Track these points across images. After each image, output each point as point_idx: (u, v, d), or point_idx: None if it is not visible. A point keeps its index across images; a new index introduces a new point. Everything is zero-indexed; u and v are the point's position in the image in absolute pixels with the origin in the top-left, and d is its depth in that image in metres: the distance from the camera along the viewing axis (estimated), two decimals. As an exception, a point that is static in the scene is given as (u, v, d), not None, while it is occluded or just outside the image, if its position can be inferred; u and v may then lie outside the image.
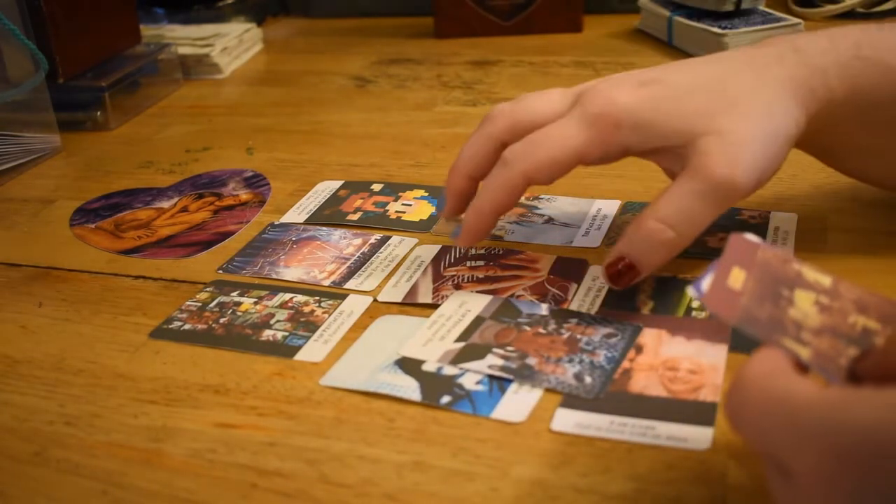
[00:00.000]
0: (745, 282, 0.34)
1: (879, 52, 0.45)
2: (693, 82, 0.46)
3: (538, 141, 0.46)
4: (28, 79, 0.71)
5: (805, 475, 0.28)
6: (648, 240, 0.43)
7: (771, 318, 0.33)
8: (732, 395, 0.31)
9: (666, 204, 0.43)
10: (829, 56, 0.46)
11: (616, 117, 0.45)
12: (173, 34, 0.96)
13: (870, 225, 0.52)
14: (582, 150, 0.45)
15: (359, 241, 0.56)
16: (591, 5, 1.01)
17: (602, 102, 0.45)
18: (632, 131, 0.45)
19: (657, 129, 0.45)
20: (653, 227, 0.43)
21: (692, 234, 0.44)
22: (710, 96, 0.45)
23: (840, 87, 0.45)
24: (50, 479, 0.39)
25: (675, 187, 0.44)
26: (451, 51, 0.95)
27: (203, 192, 0.65)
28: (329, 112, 0.80)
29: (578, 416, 0.39)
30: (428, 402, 0.41)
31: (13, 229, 0.63)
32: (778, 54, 0.46)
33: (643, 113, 0.45)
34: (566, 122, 0.46)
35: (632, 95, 0.45)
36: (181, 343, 0.47)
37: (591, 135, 0.45)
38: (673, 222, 0.43)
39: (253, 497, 0.37)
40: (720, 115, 0.44)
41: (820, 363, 0.32)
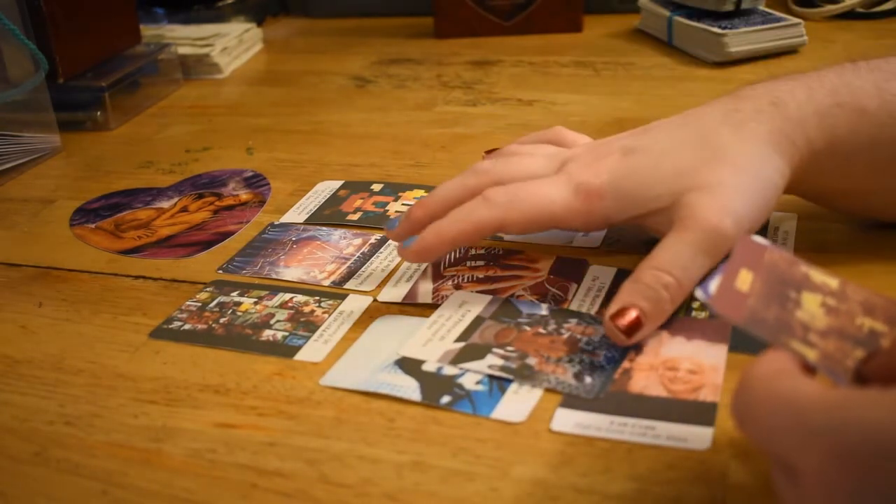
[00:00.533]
0: (753, 283, 0.34)
1: (857, 98, 0.46)
2: (673, 144, 0.46)
3: (523, 194, 0.46)
4: (28, 79, 0.71)
5: (808, 475, 0.28)
6: (649, 285, 0.43)
7: (778, 319, 0.33)
8: (739, 396, 0.31)
9: (660, 254, 0.43)
10: (807, 108, 0.46)
11: (599, 188, 0.46)
12: (173, 34, 0.96)
13: (870, 225, 0.52)
14: (562, 216, 0.46)
15: (359, 241, 0.56)
16: (591, 5, 1.01)
17: (588, 174, 0.46)
18: (614, 202, 0.46)
19: (639, 197, 0.45)
20: (651, 274, 0.43)
21: (689, 283, 0.43)
22: (691, 154, 0.45)
23: (819, 137, 0.45)
24: (50, 479, 0.39)
25: (668, 240, 0.44)
26: (451, 51, 0.95)
27: (203, 192, 0.65)
28: (329, 112, 0.80)
29: (578, 416, 0.39)
30: (428, 402, 0.41)
31: (13, 229, 0.63)
32: (755, 109, 0.46)
33: (624, 183, 0.46)
34: (553, 184, 0.47)
35: (614, 168, 0.46)
36: (181, 343, 0.47)
37: (575, 204, 0.46)
38: (669, 269, 0.43)
39: (253, 497, 0.37)
40: (703, 169, 0.44)
41: (827, 365, 0.32)
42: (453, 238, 0.47)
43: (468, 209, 0.47)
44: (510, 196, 0.46)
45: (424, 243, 0.47)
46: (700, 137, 0.46)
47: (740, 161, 0.45)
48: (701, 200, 0.43)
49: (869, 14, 0.93)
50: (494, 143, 0.69)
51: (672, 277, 0.42)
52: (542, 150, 0.51)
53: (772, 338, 0.33)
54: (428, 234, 0.47)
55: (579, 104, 0.77)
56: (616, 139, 0.49)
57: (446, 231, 0.47)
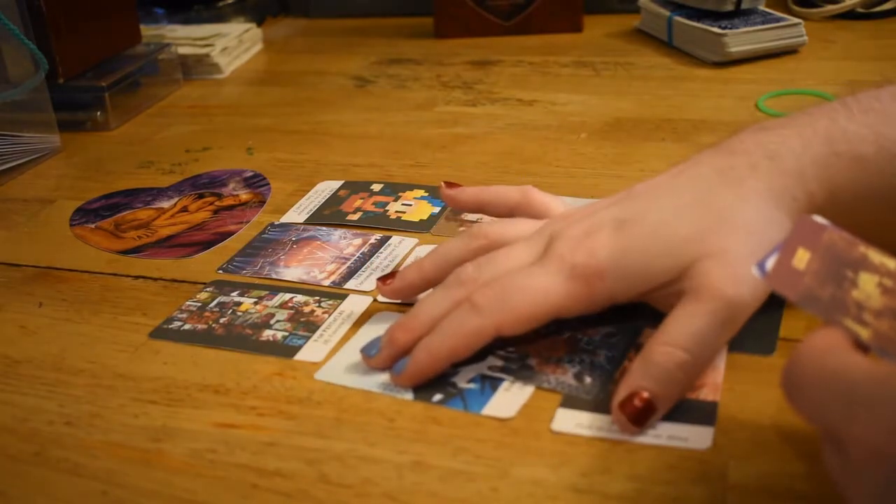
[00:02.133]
0: (809, 262, 0.34)
1: (853, 146, 0.43)
2: (671, 211, 0.43)
3: (513, 292, 0.42)
4: (28, 79, 0.71)
5: (855, 446, 0.28)
6: (662, 365, 0.39)
7: (833, 298, 0.33)
8: (788, 369, 0.31)
9: (672, 328, 0.40)
10: (804, 159, 0.43)
11: (599, 269, 0.42)
12: (173, 34, 0.96)
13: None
14: (563, 305, 0.42)
15: (359, 241, 0.56)
16: (591, 5, 1.01)
17: (583, 255, 0.42)
18: (617, 281, 0.42)
19: (646, 273, 0.42)
20: (664, 351, 0.39)
21: (706, 358, 0.40)
22: (694, 221, 0.42)
23: (819, 189, 0.43)
24: (50, 479, 0.39)
25: (680, 311, 0.40)
26: (451, 51, 0.95)
27: (203, 192, 0.65)
28: (329, 112, 0.80)
29: (579, 416, 0.39)
30: (420, 400, 0.41)
31: (13, 229, 0.63)
32: (751, 164, 0.43)
33: (626, 259, 0.42)
34: (545, 274, 0.42)
35: (611, 243, 0.42)
36: (181, 343, 0.47)
37: (574, 289, 0.42)
38: (683, 344, 0.39)
39: (253, 497, 0.37)
40: (711, 237, 0.41)
41: (880, 344, 0.32)
42: (448, 356, 0.42)
43: (458, 321, 0.42)
44: (500, 298, 0.42)
45: (419, 366, 0.42)
46: (698, 201, 0.43)
47: (746, 224, 0.42)
48: (713, 270, 0.40)
49: (869, 14, 0.93)
50: (494, 143, 0.69)
51: (687, 354, 0.39)
52: (519, 229, 0.47)
53: (825, 315, 0.33)
54: (420, 355, 0.42)
55: (579, 104, 0.77)
56: (602, 208, 0.45)
57: (437, 349, 0.42)
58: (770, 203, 0.42)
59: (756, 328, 0.44)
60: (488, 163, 0.66)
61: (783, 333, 0.43)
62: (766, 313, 0.44)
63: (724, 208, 0.42)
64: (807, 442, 0.36)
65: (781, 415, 0.38)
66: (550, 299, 0.42)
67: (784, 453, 0.36)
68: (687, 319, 0.40)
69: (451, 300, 0.43)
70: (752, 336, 0.43)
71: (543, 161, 0.66)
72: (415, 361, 0.42)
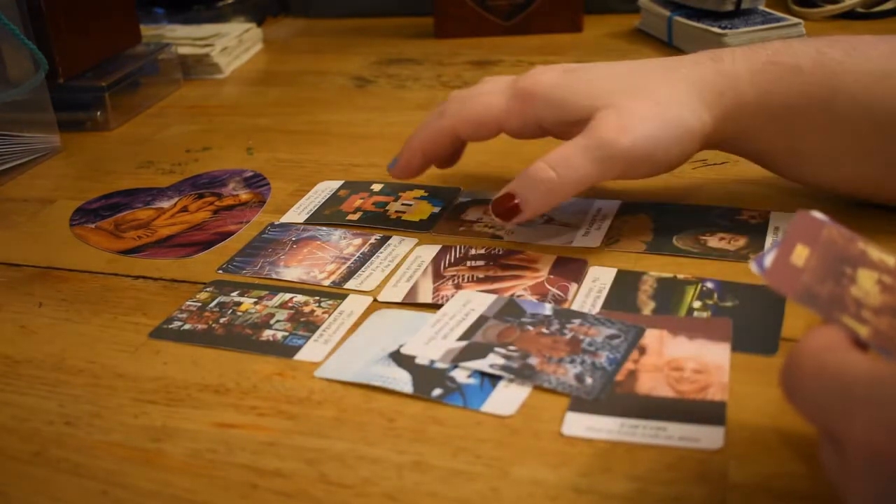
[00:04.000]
0: (808, 259, 0.34)
1: (794, 58, 0.48)
2: (608, 72, 0.52)
3: (469, 102, 0.54)
4: (28, 79, 0.71)
5: (853, 446, 0.28)
6: (532, 178, 0.49)
7: (831, 295, 0.33)
8: (788, 368, 0.31)
9: (554, 152, 0.49)
10: (742, 64, 0.49)
11: (532, 91, 0.52)
12: (173, 34, 0.96)
13: (870, 225, 0.52)
14: (501, 117, 0.53)
15: (359, 240, 0.56)
16: (591, 5, 1.01)
17: (528, 81, 0.52)
18: (544, 105, 0.52)
19: (564, 104, 0.51)
20: (537, 167, 0.49)
21: (571, 180, 0.48)
22: (619, 82, 0.51)
23: (751, 91, 0.48)
24: (50, 479, 0.39)
25: (567, 142, 0.49)
26: (451, 51, 0.95)
27: (203, 192, 0.65)
28: (329, 112, 0.80)
29: (589, 419, 0.39)
30: (419, 395, 0.41)
31: (13, 229, 0.63)
32: (694, 60, 0.51)
33: (556, 90, 0.51)
34: (499, 93, 0.53)
35: (551, 79, 0.52)
36: (181, 343, 0.47)
37: (511, 104, 0.53)
38: (554, 164, 0.48)
39: (253, 497, 0.37)
40: (621, 95, 0.49)
41: (878, 341, 0.32)
42: (419, 147, 0.56)
43: (427, 123, 0.56)
44: (459, 106, 0.54)
45: (402, 158, 0.57)
46: (632, 73, 0.52)
47: (658, 96, 0.49)
48: (605, 117, 0.48)
49: (869, 14, 0.93)
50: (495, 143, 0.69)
51: (554, 173, 0.48)
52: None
53: (824, 313, 0.33)
54: (403, 151, 0.57)
55: (579, 104, 0.76)
56: (567, 64, 0.54)
57: (411, 144, 0.56)
58: (692, 91, 0.49)
59: (757, 328, 0.44)
60: (488, 163, 0.65)
61: (785, 333, 0.43)
62: (768, 313, 0.45)
63: (647, 81, 0.50)
64: (807, 442, 0.36)
65: (782, 415, 0.38)
66: (493, 109, 0.53)
67: (785, 453, 0.36)
68: (566, 148, 0.49)
69: (436, 111, 0.56)
70: (754, 336, 0.43)
71: (543, 161, 0.65)
72: (400, 156, 0.57)
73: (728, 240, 0.52)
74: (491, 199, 0.51)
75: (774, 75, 0.48)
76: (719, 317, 0.45)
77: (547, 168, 0.48)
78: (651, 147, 0.48)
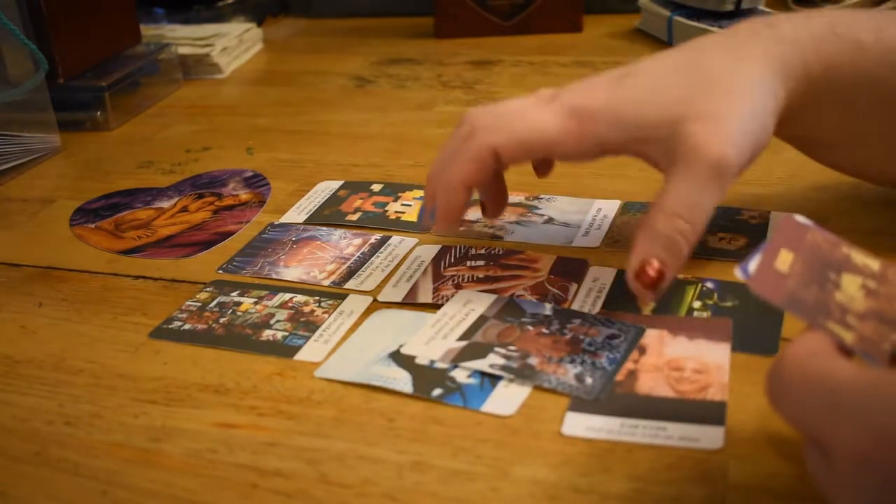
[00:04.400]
0: (793, 264, 0.34)
1: (854, 30, 0.45)
2: (667, 70, 0.45)
3: (512, 118, 0.45)
4: (28, 79, 0.71)
5: (841, 453, 0.28)
6: (664, 233, 0.41)
7: (816, 300, 0.33)
8: (773, 375, 0.31)
9: (669, 196, 0.42)
10: (802, 31, 0.45)
11: (592, 110, 0.44)
12: (173, 34, 0.96)
13: (870, 225, 0.52)
14: (555, 139, 0.44)
15: (359, 241, 0.56)
16: (591, 5, 1.01)
17: (580, 97, 0.45)
18: (608, 126, 0.44)
19: (635, 120, 0.44)
20: (665, 221, 0.41)
21: (702, 223, 0.42)
22: (687, 80, 0.44)
23: (815, 61, 0.44)
24: (50, 479, 0.39)
25: (674, 179, 0.42)
26: (451, 51, 0.95)
27: (203, 192, 0.65)
28: (329, 112, 0.80)
29: (589, 419, 0.39)
30: (419, 395, 0.41)
31: (13, 229, 0.63)
32: (751, 31, 0.46)
33: (621, 106, 0.44)
34: (545, 110, 0.45)
35: (609, 91, 0.45)
36: (181, 343, 0.47)
37: (567, 125, 0.44)
38: (681, 212, 0.41)
39: (253, 497, 0.37)
40: (700, 99, 0.43)
41: (863, 347, 0.32)
42: (460, 183, 0.45)
43: (461, 148, 0.45)
44: (499, 122, 0.45)
45: (442, 203, 0.46)
46: (695, 63, 0.45)
47: (737, 87, 0.43)
48: (701, 130, 0.42)
49: (869, 14, 0.93)
50: (494, 143, 0.69)
51: (685, 222, 0.41)
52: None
53: (809, 319, 0.32)
54: (439, 194, 0.46)
55: (579, 104, 0.76)
56: (607, 72, 0.48)
57: (450, 180, 0.45)
58: (764, 66, 0.44)
59: (757, 328, 0.44)
60: (488, 163, 0.65)
61: (785, 333, 0.43)
62: (768, 313, 0.45)
63: (717, 71, 0.44)
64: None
65: (782, 415, 0.38)
66: (545, 131, 0.44)
67: (785, 453, 0.36)
68: (681, 186, 0.42)
69: (459, 137, 0.46)
70: (754, 336, 0.43)
71: (543, 161, 0.65)
72: (438, 203, 0.46)
73: (728, 240, 0.52)
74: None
75: (836, 48, 0.44)
76: (719, 317, 0.45)
77: (680, 220, 0.41)
78: (752, 143, 0.43)
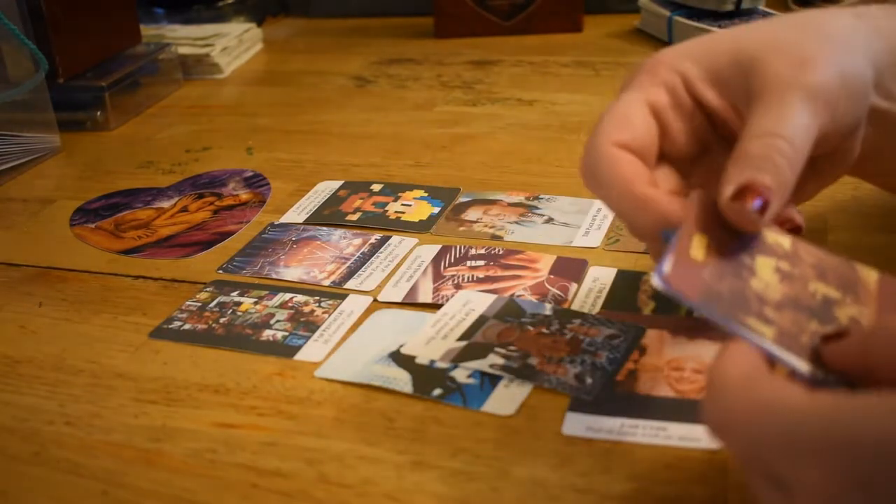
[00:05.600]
0: (707, 249, 0.33)
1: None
2: (744, 27, 0.40)
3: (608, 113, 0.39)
4: (28, 79, 0.71)
5: (806, 490, 0.26)
6: (764, 157, 0.35)
7: (732, 292, 0.32)
8: (712, 403, 0.29)
9: (758, 123, 0.36)
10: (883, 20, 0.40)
11: (665, 55, 0.40)
12: (173, 34, 0.96)
13: (870, 225, 0.52)
14: (642, 98, 0.39)
15: (359, 241, 0.56)
16: (591, 5, 1.01)
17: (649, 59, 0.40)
18: (685, 58, 0.39)
19: (711, 54, 0.39)
20: (760, 144, 0.35)
21: (804, 144, 0.36)
22: (766, 27, 0.39)
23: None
24: (50, 479, 0.39)
25: (759, 110, 0.37)
26: (451, 51, 0.95)
27: (203, 192, 0.65)
28: (329, 112, 0.80)
29: (588, 419, 0.39)
30: (419, 395, 0.41)
31: (13, 229, 0.63)
32: (823, 12, 0.41)
33: (701, 43, 0.40)
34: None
35: (677, 46, 0.40)
36: (181, 343, 0.47)
37: (643, 78, 0.39)
38: (778, 131, 0.35)
39: (253, 497, 0.37)
40: (784, 36, 0.38)
41: (783, 344, 0.31)
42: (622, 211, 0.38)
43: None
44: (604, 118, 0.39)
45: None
46: (810, 17, 0.40)
47: (830, 33, 0.38)
48: (777, 60, 0.37)
49: (869, 14, 0.93)
50: (495, 143, 0.69)
51: (784, 141, 0.35)
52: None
53: (727, 317, 0.31)
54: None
55: (579, 104, 0.77)
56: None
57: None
58: (851, 40, 0.39)
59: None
60: (488, 163, 0.66)
61: (783, 333, 0.43)
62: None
63: (813, 21, 0.39)
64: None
65: (782, 415, 0.38)
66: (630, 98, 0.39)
67: (784, 453, 0.36)
68: (770, 110, 0.36)
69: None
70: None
71: (543, 161, 0.66)
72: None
73: (728, 240, 0.52)
74: (487, 199, 0.50)
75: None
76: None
77: (778, 139, 0.35)
78: (845, 79, 0.37)
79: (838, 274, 0.35)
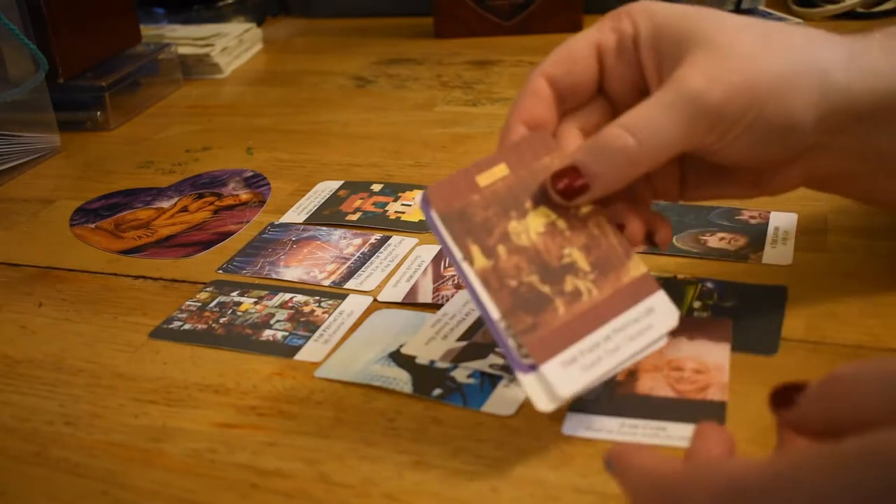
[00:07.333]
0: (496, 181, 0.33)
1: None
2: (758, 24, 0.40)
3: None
4: (28, 79, 0.71)
5: None
6: (605, 146, 0.37)
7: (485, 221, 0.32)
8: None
9: (630, 113, 0.38)
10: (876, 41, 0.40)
11: (637, 5, 0.41)
12: (173, 34, 0.96)
13: (870, 225, 0.52)
14: (593, 38, 0.41)
15: (359, 241, 0.56)
16: (590, 5, 1.01)
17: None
18: (649, 16, 0.40)
19: (676, 22, 0.39)
20: (610, 133, 0.37)
21: (656, 150, 0.37)
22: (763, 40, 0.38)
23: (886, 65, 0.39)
24: (50, 479, 0.39)
25: (647, 100, 0.38)
26: (451, 51, 0.95)
27: (203, 192, 0.65)
28: (329, 112, 0.80)
29: (588, 419, 0.39)
30: (419, 395, 0.41)
31: (13, 229, 0.63)
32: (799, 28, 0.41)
33: (673, 10, 0.40)
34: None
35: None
36: (181, 343, 0.47)
37: (605, 20, 0.41)
38: (632, 127, 0.37)
39: (253, 497, 0.37)
40: (725, 27, 0.38)
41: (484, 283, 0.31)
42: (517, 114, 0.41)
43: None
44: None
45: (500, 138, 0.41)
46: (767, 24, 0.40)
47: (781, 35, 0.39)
48: (697, 60, 0.37)
49: (869, 14, 0.93)
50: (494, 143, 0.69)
51: (634, 139, 0.37)
52: None
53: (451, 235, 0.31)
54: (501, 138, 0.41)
55: (579, 104, 0.76)
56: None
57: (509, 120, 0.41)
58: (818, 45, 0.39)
59: (757, 328, 0.44)
60: (488, 163, 0.66)
61: (785, 333, 0.43)
62: (768, 313, 0.45)
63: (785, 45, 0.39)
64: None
65: (782, 415, 0.38)
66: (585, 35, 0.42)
67: (784, 453, 0.36)
68: (645, 106, 0.37)
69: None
70: (754, 336, 0.43)
71: (543, 161, 0.65)
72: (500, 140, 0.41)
73: (728, 240, 0.52)
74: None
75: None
76: (719, 317, 0.45)
77: (624, 134, 0.37)
78: (756, 100, 0.37)
79: (605, 255, 0.35)
